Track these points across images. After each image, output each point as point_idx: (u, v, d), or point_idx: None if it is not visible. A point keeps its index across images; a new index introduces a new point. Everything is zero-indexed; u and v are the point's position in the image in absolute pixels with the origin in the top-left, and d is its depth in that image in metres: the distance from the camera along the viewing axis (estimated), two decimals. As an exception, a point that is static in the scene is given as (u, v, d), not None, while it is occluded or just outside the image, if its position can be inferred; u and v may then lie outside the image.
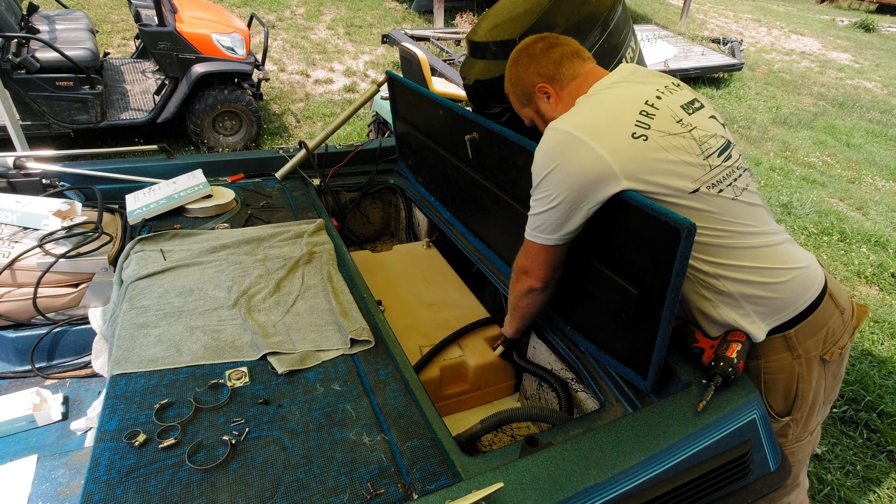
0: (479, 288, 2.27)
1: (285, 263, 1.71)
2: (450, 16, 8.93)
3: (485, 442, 1.77)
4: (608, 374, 1.44)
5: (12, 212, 1.83)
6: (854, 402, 2.72)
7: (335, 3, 9.11)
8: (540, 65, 1.42)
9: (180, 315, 1.46)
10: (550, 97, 1.44)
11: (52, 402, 1.68)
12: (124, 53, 6.23)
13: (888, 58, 11.06)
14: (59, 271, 1.80)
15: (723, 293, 1.29)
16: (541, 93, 1.44)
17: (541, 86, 1.43)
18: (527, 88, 1.46)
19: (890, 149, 6.65)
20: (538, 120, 1.50)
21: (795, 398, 1.38)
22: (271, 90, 6.36)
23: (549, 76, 1.42)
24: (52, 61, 4.05)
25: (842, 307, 1.36)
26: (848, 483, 2.31)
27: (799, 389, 1.37)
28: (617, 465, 1.08)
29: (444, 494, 0.99)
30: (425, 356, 1.75)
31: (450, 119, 1.94)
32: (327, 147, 2.46)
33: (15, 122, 3.34)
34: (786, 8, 15.34)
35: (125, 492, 1.00)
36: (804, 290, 1.31)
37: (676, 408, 1.22)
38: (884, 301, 3.65)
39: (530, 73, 1.43)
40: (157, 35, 4.38)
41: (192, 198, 1.98)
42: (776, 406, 1.39)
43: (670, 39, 8.78)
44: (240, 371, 1.30)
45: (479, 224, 2.04)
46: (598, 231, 1.32)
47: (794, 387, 1.36)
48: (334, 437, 1.15)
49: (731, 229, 1.25)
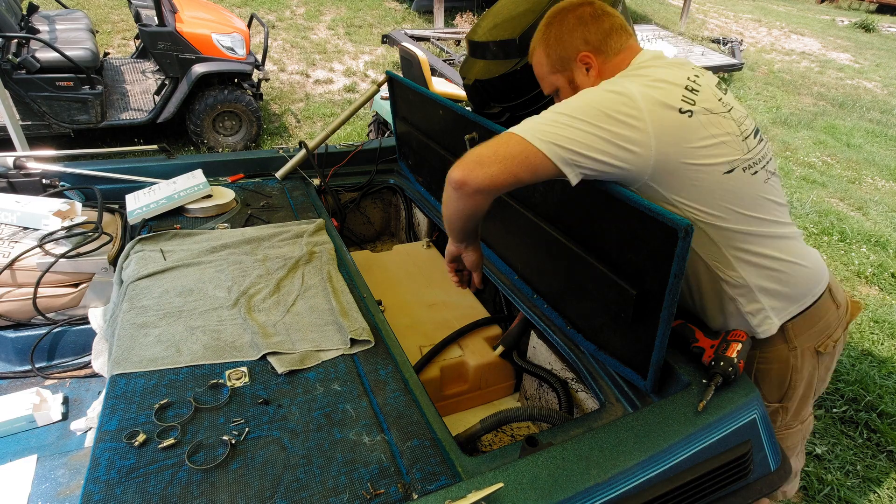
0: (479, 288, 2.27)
1: (285, 263, 1.71)
2: (450, 16, 8.93)
3: (485, 442, 1.77)
4: (608, 373, 1.44)
5: (12, 212, 1.83)
6: (854, 402, 2.72)
7: (335, 3, 9.12)
8: (589, 31, 1.28)
9: (180, 315, 1.46)
10: (591, 69, 1.30)
11: (52, 402, 1.68)
12: (124, 53, 6.23)
13: (888, 58, 11.06)
14: (59, 271, 1.80)
15: (740, 286, 1.28)
16: (581, 62, 1.30)
17: (584, 55, 1.29)
18: (568, 54, 1.31)
19: (890, 149, 6.65)
20: (568, 90, 1.35)
21: (788, 388, 1.40)
22: (271, 90, 6.36)
23: (596, 46, 1.28)
24: (52, 61, 4.05)
25: (838, 302, 1.38)
26: (848, 483, 2.31)
27: (792, 380, 1.39)
28: (617, 465, 1.08)
29: (444, 494, 0.99)
30: (425, 356, 1.75)
31: (450, 119, 1.94)
32: (327, 147, 2.46)
33: (15, 122, 3.34)
34: (786, 8, 15.34)
35: (125, 492, 1.00)
36: (813, 286, 1.32)
37: (676, 408, 1.22)
38: (884, 301, 3.65)
39: (575, 38, 1.29)
40: (157, 35, 4.38)
41: (192, 198, 1.98)
42: (768, 395, 1.41)
43: (670, 39, 8.78)
44: (240, 371, 1.30)
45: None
46: (598, 231, 1.32)
47: (788, 377, 1.38)
48: (334, 437, 1.15)
49: (758, 216, 1.23)
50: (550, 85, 1.39)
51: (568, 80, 1.35)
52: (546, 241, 1.54)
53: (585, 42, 1.28)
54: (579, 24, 1.28)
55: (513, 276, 1.82)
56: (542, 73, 1.39)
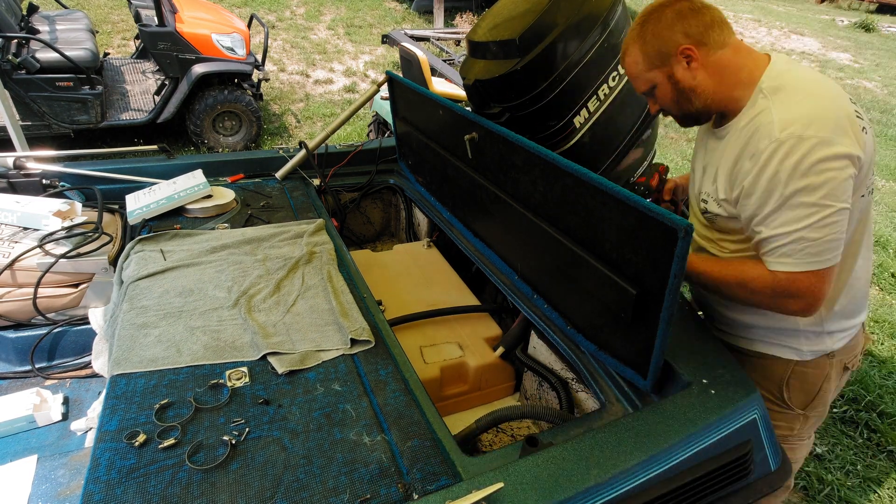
0: (479, 288, 2.27)
1: (285, 263, 1.71)
2: (450, 16, 8.93)
3: (485, 442, 1.77)
4: (608, 373, 1.44)
5: (12, 212, 1.83)
6: (854, 402, 2.72)
7: (335, 3, 9.12)
8: (689, 24, 1.24)
9: (180, 315, 1.46)
10: (692, 62, 1.25)
11: (53, 402, 1.68)
12: (124, 54, 6.23)
13: (888, 58, 11.05)
14: (60, 271, 1.80)
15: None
16: (682, 55, 1.25)
17: (686, 48, 1.24)
18: (667, 48, 1.26)
19: (890, 149, 6.65)
20: (666, 86, 1.31)
21: (816, 396, 1.42)
22: (271, 90, 6.36)
23: (698, 39, 1.24)
24: (52, 61, 4.05)
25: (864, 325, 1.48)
26: (848, 483, 2.31)
27: (822, 389, 1.41)
28: (617, 465, 1.08)
29: (445, 494, 0.99)
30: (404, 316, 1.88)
31: (450, 119, 1.94)
32: (327, 147, 2.46)
33: (15, 122, 3.34)
34: (786, 8, 15.33)
35: (125, 492, 1.00)
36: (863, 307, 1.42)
37: (677, 408, 1.22)
38: (884, 301, 3.65)
39: (675, 31, 1.24)
40: (157, 35, 4.38)
41: (192, 198, 1.97)
42: (794, 400, 1.42)
43: (670, 39, 8.76)
44: (240, 371, 1.30)
45: (479, 224, 2.04)
46: (598, 230, 1.32)
47: (819, 385, 1.40)
48: (334, 437, 1.15)
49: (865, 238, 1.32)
50: (647, 82, 1.33)
51: (667, 75, 1.30)
52: (546, 241, 1.54)
53: (686, 35, 1.24)
54: (678, 17, 1.25)
55: (513, 276, 1.82)
56: (636, 71, 1.34)
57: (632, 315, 1.27)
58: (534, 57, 1.69)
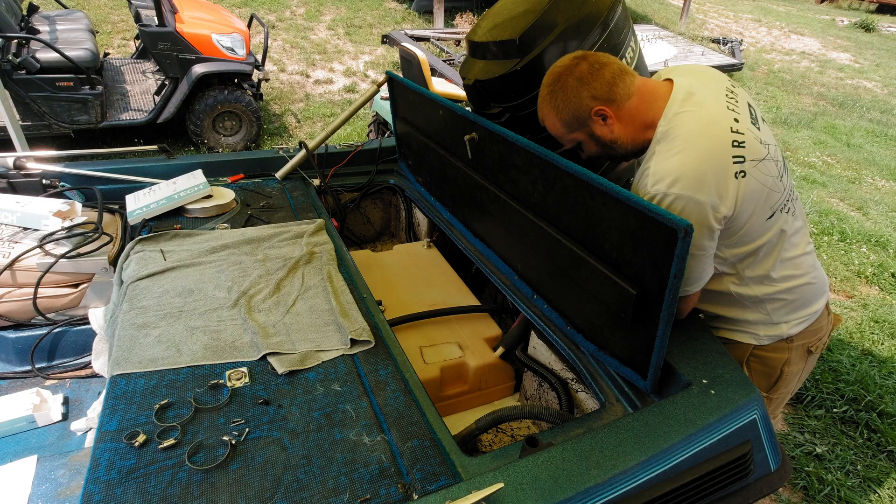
0: (479, 288, 2.27)
1: (285, 264, 1.71)
2: (450, 16, 8.93)
3: (485, 442, 1.77)
4: (608, 374, 1.44)
5: (12, 212, 1.83)
6: (854, 402, 2.72)
7: (335, 4, 9.12)
8: (592, 87, 1.32)
9: (180, 315, 1.46)
10: (608, 119, 1.35)
11: (52, 402, 1.68)
12: (124, 54, 6.23)
13: (888, 58, 11.06)
14: (60, 272, 1.80)
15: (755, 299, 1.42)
16: (597, 116, 1.35)
17: (598, 109, 1.33)
18: (580, 113, 1.35)
19: (890, 149, 6.65)
20: (590, 143, 1.41)
21: (778, 380, 1.51)
22: (271, 90, 6.36)
23: (606, 97, 1.32)
24: (52, 62, 4.05)
25: (829, 310, 1.55)
26: (848, 483, 2.31)
27: (783, 372, 1.50)
28: (617, 465, 1.08)
29: (444, 495, 0.99)
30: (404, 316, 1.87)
31: (450, 119, 1.94)
32: (327, 147, 2.46)
33: (15, 122, 3.34)
34: (786, 8, 15.34)
35: (125, 492, 1.00)
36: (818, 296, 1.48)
37: (677, 408, 1.22)
38: (884, 301, 3.65)
39: (583, 97, 1.33)
40: (157, 35, 4.38)
41: (192, 198, 1.98)
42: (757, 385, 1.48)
43: (670, 39, 8.78)
44: (240, 371, 1.30)
45: (479, 224, 2.04)
46: (598, 231, 1.32)
47: (780, 369, 1.49)
48: (334, 437, 1.15)
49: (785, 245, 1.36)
50: (571, 142, 1.44)
51: (587, 133, 1.39)
52: (546, 241, 1.54)
53: (594, 98, 1.32)
54: (581, 83, 1.32)
55: (513, 276, 1.82)
56: (559, 134, 1.43)
57: (632, 315, 1.27)
58: (534, 57, 1.69)
